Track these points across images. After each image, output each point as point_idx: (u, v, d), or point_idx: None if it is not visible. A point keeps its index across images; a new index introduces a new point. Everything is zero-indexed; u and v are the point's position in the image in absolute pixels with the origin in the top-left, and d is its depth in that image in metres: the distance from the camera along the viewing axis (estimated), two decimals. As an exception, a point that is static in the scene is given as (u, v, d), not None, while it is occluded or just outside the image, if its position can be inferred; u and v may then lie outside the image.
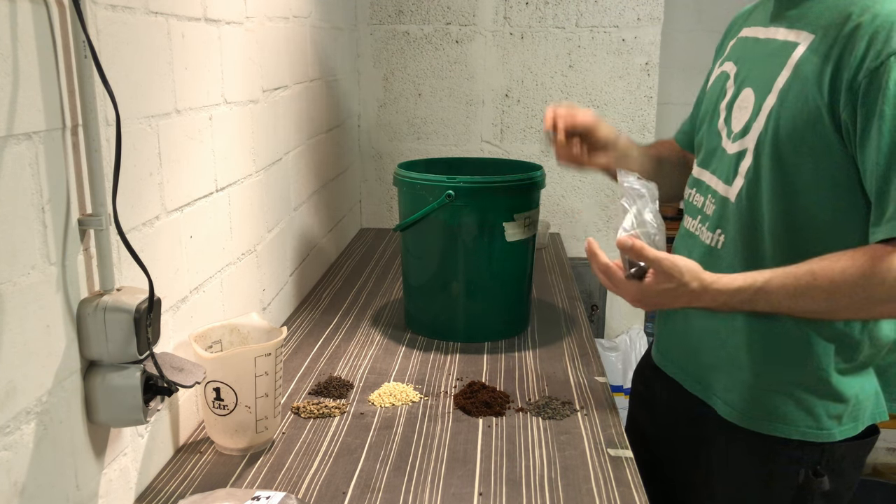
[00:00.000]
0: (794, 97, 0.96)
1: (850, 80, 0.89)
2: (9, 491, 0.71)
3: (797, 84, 0.96)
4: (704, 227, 1.12)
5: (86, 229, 0.82)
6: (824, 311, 0.96)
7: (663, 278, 0.97)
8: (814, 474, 1.05)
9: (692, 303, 0.99)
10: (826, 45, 0.94)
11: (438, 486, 1.00)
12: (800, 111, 0.95)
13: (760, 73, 1.04)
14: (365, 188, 2.54)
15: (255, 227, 1.41)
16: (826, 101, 0.92)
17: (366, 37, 2.41)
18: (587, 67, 2.38)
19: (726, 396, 1.10)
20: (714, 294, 0.97)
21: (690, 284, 0.97)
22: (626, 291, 1.02)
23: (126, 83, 0.91)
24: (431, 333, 1.54)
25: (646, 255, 0.97)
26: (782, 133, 0.97)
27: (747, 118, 1.04)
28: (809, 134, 0.95)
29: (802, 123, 0.95)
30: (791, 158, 0.97)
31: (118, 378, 0.84)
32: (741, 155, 1.04)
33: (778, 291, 0.94)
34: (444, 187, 1.43)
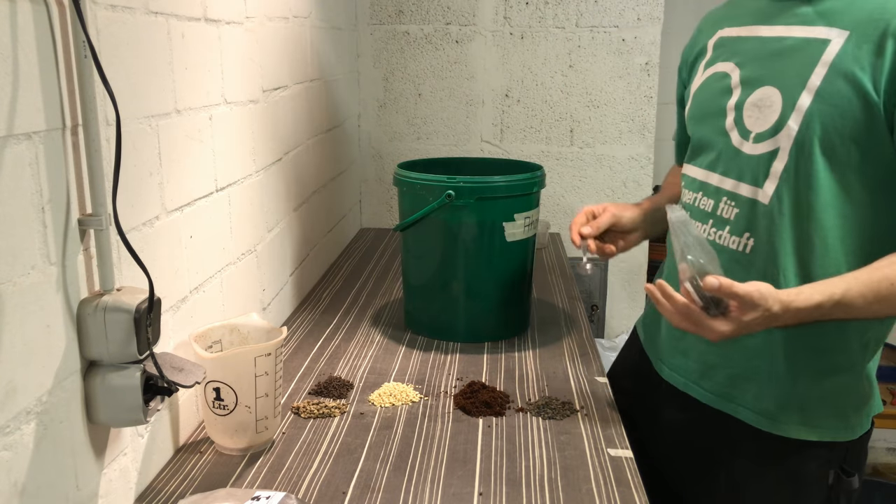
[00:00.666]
0: (840, 95, 0.95)
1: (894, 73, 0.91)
2: (9, 491, 0.71)
3: (841, 82, 0.95)
4: (724, 232, 1.09)
5: (86, 229, 0.82)
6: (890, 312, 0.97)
7: (750, 308, 0.94)
8: (843, 473, 1.06)
9: (771, 324, 0.97)
10: (872, 41, 0.94)
11: (438, 486, 1.00)
12: (849, 109, 0.95)
13: (782, 71, 1.02)
14: (365, 188, 2.54)
15: (255, 227, 1.41)
16: (882, 99, 0.93)
17: (366, 37, 2.41)
18: (587, 67, 2.38)
19: (757, 406, 1.08)
20: (794, 313, 0.95)
21: (773, 308, 0.94)
22: (713, 329, 0.96)
23: (126, 83, 0.91)
24: (431, 333, 1.54)
25: (735, 291, 0.93)
26: (830, 131, 0.96)
27: (776, 118, 1.01)
28: (860, 131, 0.95)
29: (853, 121, 0.95)
30: (840, 155, 0.97)
31: (118, 378, 0.84)
32: (772, 155, 1.02)
33: (856, 301, 0.94)
34: (444, 187, 1.43)
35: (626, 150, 2.42)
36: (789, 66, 1.02)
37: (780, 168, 1.01)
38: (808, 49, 1.00)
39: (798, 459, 1.07)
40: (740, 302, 0.94)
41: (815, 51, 0.99)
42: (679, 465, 1.22)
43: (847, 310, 0.94)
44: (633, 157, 2.42)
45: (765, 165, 1.03)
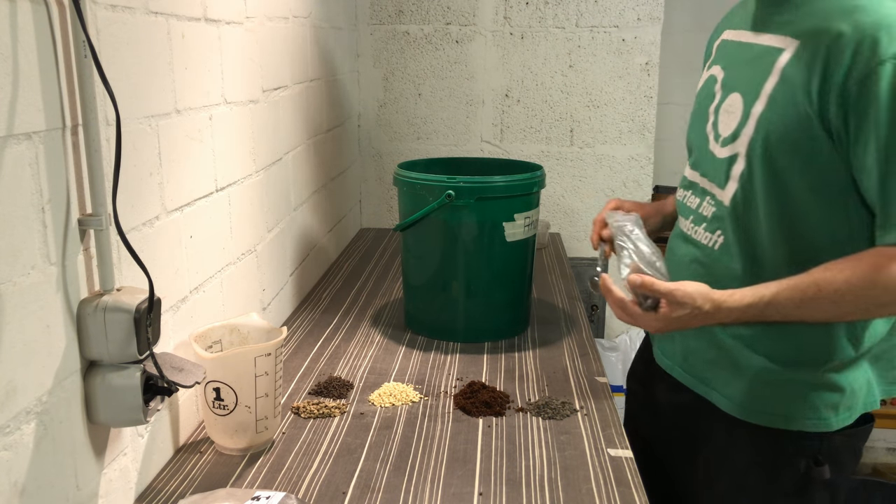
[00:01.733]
0: (783, 103, 0.98)
1: (839, 88, 0.92)
2: (9, 491, 0.71)
3: (785, 89, 0.98)
4: (701, 229, 1.13)
5: (86, 229, 0.82)
6: (831, 318, 0.99)
7: (677, 307, 1.01)
8: (815, 464, 1.07)
9: (707, 322, 1.03)
10: (810, 52, 0.95)
11: (438, 486, 1.00)
12: (790, 116, 0.97)
13: (747, 77, 1.06)
14: (365, 188, 2.54)
15: (255, 227, 1.41)
16: (815, 108, 0.95)
17: (366, 37, 2.41)
18: (587, 67, 2.38)
19: (727, 391, 1.11)
20: (727, 312, 1.00)
21: (703, 307, 1.00)
22: (646, 323, 1.06)
23: (126, 83, 0.91)
24: (431, 333, 1.54)
25: (657, 289, 1.01)
26: (773, 138, 0.99)
27: (736, 123, 1.05)
28: (801, 138, 0.97)
29: (793, 128, 0.97)
30: (783, 162, 0.99)
31: (118, 378, 0.84)
32: (733, 159, 1.06)
33: (785, 304, 0.97)
34: (444, 187, 1.43)
35: (626, 150, 2.42)
36: (752, 74, 1.05)
37: (738, 172, 1.05)
38: (766, 57, 1.02)
39: (769, 447, 1.09)
40: (667, 299, 1.01)
41: (771, 59, 1.01)
42: (670, 449, 1.25)
43: (778, 311, 0.98)
44: (633, 157, 2.42)
45: (727, 169, 1.07)
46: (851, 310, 0.96)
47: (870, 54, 0.90)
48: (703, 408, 1.14)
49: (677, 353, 1.21)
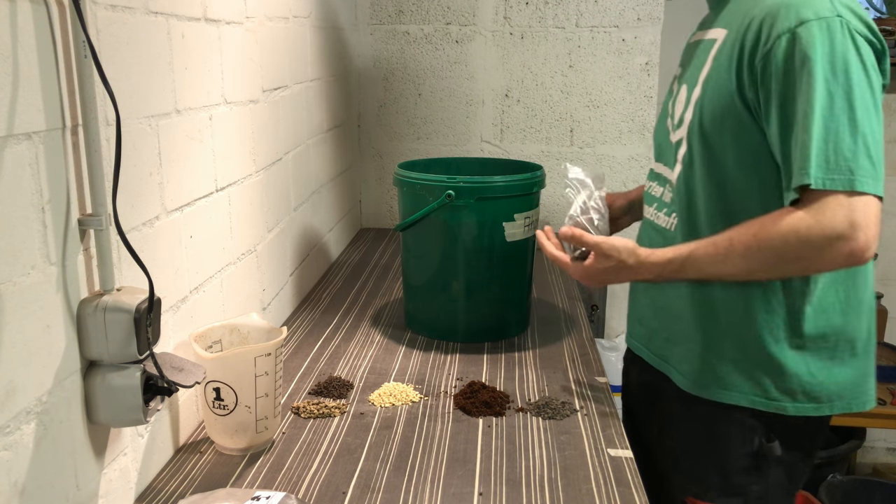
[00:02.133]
0: (712, 85, 1.08)
1: (749, 65, 1.01)
2: (9, 491, 0.71)
3: (715, 74, 1.08)
4: (662, 213, 1.21)
5: (86, 229, 0.82)
6: (744, 273, 1.04)
7: (603, 259, 1.11)
8: (767, 441, 1.12)
9: (633, 277, 1.13)
10: (732, 37, 1.06)
11: (438, 486, 1.00)
12: (718, 97, 1.06)
13: (693, 69, 1.15)
14: (365, 188, 2.54)
15: (255, 227, 1.41)
16: (735, 85, 1.03)
17: (366, 37, 2.41)
18: (587, 67, 2.38)
19: (682, 367, 1.18)
20: (649, 266, 1.10)
21: (628, 261, 1.10)
22: (575, 272, 1.17)
23: (126, 83, 0.91)
24: (431, 333, 1.54)
25: (585, 241, 1.12)
26: (706, 118, 1.08)
27: (682, 110, 1.15)
28: (727, 116, 1.05)
29: (720, 107, 1.06)
30: (716, 139, 1.07)
31: (118, 378, 0.84)
32: (679, 143, 1.15)
33: (703, 259, 1.05)
34: (444, 187, 1.43)
35: (625, 150, 2.42)
36: (696, 66, 1.14)
37: (682, 154, 1.14)
38: (707, 48, 1.12)
39: (723, 423, 1.15)
40: (595, 252, 1.12)
41: (709, 50, 1.12)
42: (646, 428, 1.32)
43: (696, 266, 1.06)
44: (633, 157, 2.42)
45: (675, 152, 1.16)
46: (760, 265, 1.01)
47: (769, 31, 0.99)
48: (666, 386, 1.22)
49: (642, 333, 1.29)
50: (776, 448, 1.12)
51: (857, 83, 0.95)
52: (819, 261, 0.98)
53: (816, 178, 0.94)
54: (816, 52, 0.95)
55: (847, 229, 0.93)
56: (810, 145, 0.94)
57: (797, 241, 0.96)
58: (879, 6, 2.55)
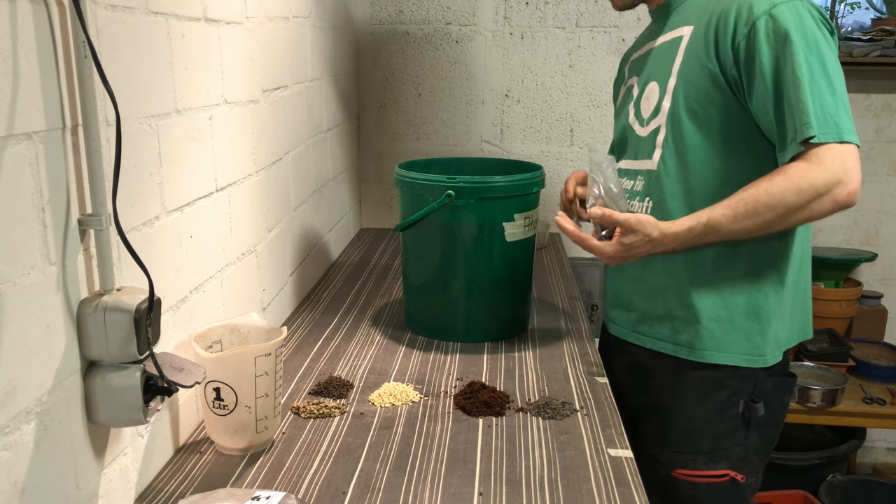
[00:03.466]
0: (691, 70, 1.21)
1: (730, 46, 1.15)
2: (9, 491, 0.71)
3: (692, 62, 1.21)
4: (635, 202, 1.32)
5: (86, 229, 0.82)
6: (760, 228, 1.14)
7: (630, 234, 1.17)
8: (751, 401, 1.26)
9: (657, 249, 1.19)
10: (703, 27, 1.20)
11: (438, 486, 1.00)
12: (699, 78, 1.20)
13: (658, 67, 1.28)
14: (365, 188, 2.54)
15: (255, 227, 1.41)
16: (716, 66, 1.18)
17: (366, 37, 2.41)
18: (587, 67, 2.38)
19: (677, 337, 1.29)
20: (672, 237, 1.17)
21: (652, 234, 1.16)
22: (602, 251, 1.20)
23: (126, 83, 0.91)
24: (431, 333, 1.54)
25: (615, 218, 1.17)
26: (690, 99, 1.21)
27: (656, 101, 1.27)
28: (710, 91, 1.19)
29: (703, 86, 1.19)
30: (702, 118, 1.20)
31: (118, 378, 0.84)
32: (656, 131, 1.27)
33: (720, 221, 1.14)
34: (444, 187, 1.43)
35: (626, 150, 2.42)
36: (663, 63, 1.27)
37: (661, 139, 1.26)
38: (672, 47, 1.26)
39: (711, 388, 1.27)
40: (622, 228, 1.17)
41: (676, 46, 1.25)
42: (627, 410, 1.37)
43: (716, 230, 1.14)
44: (633, 157, 2.42)
45: (652, 140, 1.28)
46: (773, 217, 1.11)
47: (748, 14, 1.14)
48: (655, 361, 1.32)
49: (631, 319, 1.37)
50: (760, 408, 1.26)
51: (826, 53, 1.11)
52: (822, 206, 1.09)
53: (817, 132, 1.07)
54: (791, 28, 1.10)
55: (843, 175, 1.07)
56: (805, 106, 1.08)
57: (807, 189, 1.08)
58: (879, 6, 2.55)
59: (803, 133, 1.08)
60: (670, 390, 1.31)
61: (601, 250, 1.20)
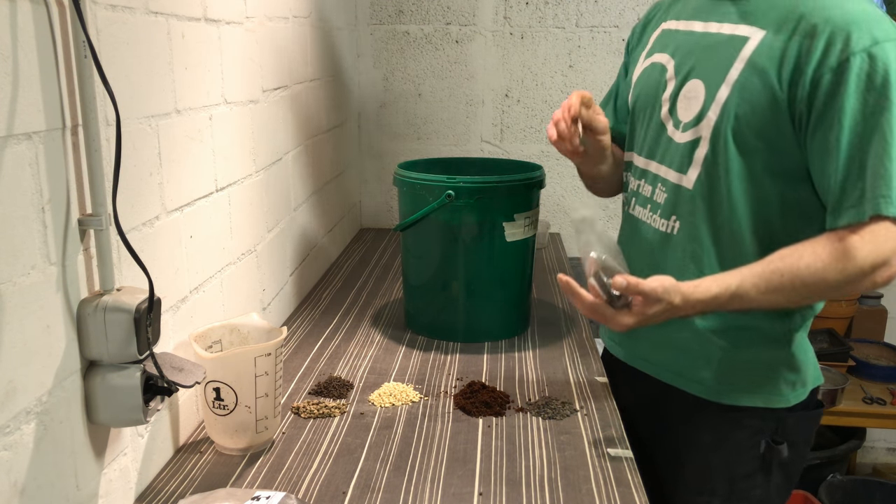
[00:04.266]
0: (751, 88, 1.03)
1: (810, 76, 0.98)
2: (9, 491, 0.71)
3: (754, 77, 1.03)
4: (656, 215, 1.17)
5: (86, 229, 0.82)
6: (792, 302, 1.03)
7: (654, 302, 1.00)
8: (773, 442, 1.14)
9: (674, 315, 1.03)
10: (781, 40, 1.01)
11: (438, 486, 1.00)
12: (759, 101, 1.02)
13: (708, 65, 1.09)
14: (365, 188, 2.54)
15: (255, 227, 1.41)
16: (785, 94, 1.00)
17: (366, 37, 2.41)
18: (587, 67, 2.38)
19: (699, 376, 1.16)
20: (693, 304, 1.01)
21: (674, 301, 1.00)
22: (621, 323, 1.02)
23: (126, 83, 0.91)
24: (431, 333, 1.54)
25: (642, 289, 0.99)
26: (742, 122, 1.04)
27: (699, 108, 1.09)
28: (768, 122, 1.02)
29: (761, 112, 1.02)
30: (750, 145, 1.04)
31: (118, 378, 0.84)
32: (695, 143, 1.10)
33: (750, 291, 1.00)
34: (444, 187, 1.43)
35: (626, 150, 2.42)
36: (713, 61, 1.08)
37: (701, 156, 1.09)
38: (730, 45, 1.07)
39: (730, 428, 1.15)
40: (645, 297, 1.00)
41: (736, 47, 1.06)
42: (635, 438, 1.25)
43: (743, 300, 1.01)
44: (633, 157, 2.42)
45: (689, 153, 1.11)
46: (810, 293, 1.00)
47: (842, 46, 0.95)
48: (669, 395, 1.20)
49: (645, 346, 1.25)
50: (784, 450, 1.13)
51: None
52: (859, 286, 0.99)
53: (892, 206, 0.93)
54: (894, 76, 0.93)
55: (892, 255, 0.96)
56: (889, 176, 0.93)
57: (853, 270, 0.96)
58: (879, 5, 2.55)
59: (877, 207, 0.94)
60: (686, 428, 1.20)
61: (619, 321, 1.02)
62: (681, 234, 1.13)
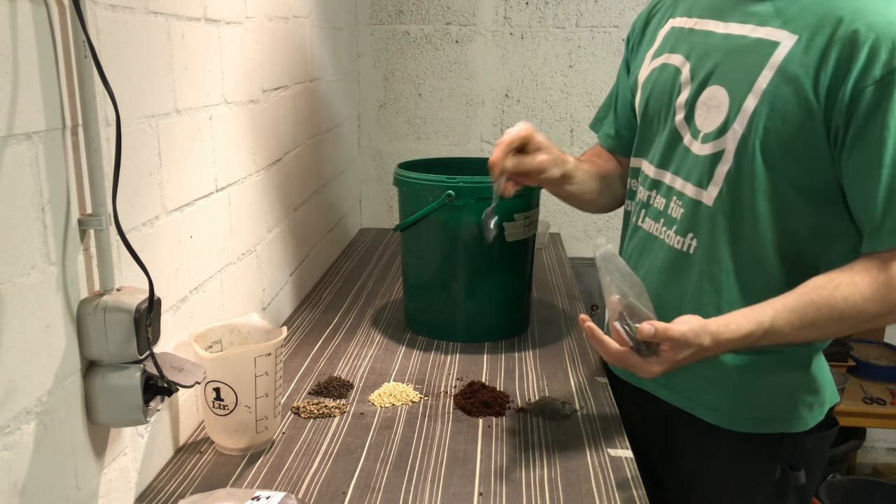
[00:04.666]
0: (783, 99, 0.94)
1: (851, 87, 0.89)
2: (9, 491, 0.71)
3: (786, 86, 0.94)
4: (671, 231, 1.08)
5: (86, 229, 0.82)
6: (830, 335, 0.97)
7: (683, 347, 0.92)
8: (790, 468, 1.06)
9: (703, 356, 0.95)
10: (818, 47, 0.92)
11: (438, 486, 1.00)
12: (792, 113, 0.94)
13: (732, 71, 1.00)
14: (365, 188, 2.54)
15: (255, 227, 1.41)
16: (822, 105, 0.92)
17: (366, 37, 2.41)
18: (587, 67, 2.38)
19: (713, 402, 1.08)
20: (724, 343, 0.93)
21: (704, 342, 0.92)
22: (650, 371, 0.94)
23: (126, 83, 0.91)
24: (431, 333, 1.54)
25: (671, 335, 0.91)
26: (772, 136, 0.95)
27: (722, 118, 1.00)
28: (799, 136, 0.94)
29: (793, 125, 0.94)
30: (779, 161, 0.96)
31: (118, 378, 0.84)
32: (717, 157, 1.01)
33: (784, 328, 0.92)
34: (444, 187, 1.43)
35: (626, 150, 2.42)
36: (738, 67, 0.99)
37: (724, 171, 1.00)
38: (757, 50, 0.98)
39: (745, 455, 1.08)
40: (674, 343, 0.92)
41: (765, 52, 0.97)
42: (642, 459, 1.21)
43: (775, 336, 0.93)
44: (633, 157, 2.42)
45: (710, 167, 1.02)
46: (850, 326, 0.93)
47: (888, 55, 0.87)
48: (680, 419, 1.12)
49: None
50: (801, 476, 1.06)
51: None
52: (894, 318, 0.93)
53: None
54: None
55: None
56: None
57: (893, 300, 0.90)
58: None
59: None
60: (697, 453, 1.12)
61: (647, 370, 0.94)
62: (698, 254, 1.04)
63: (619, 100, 1.28)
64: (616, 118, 1.29)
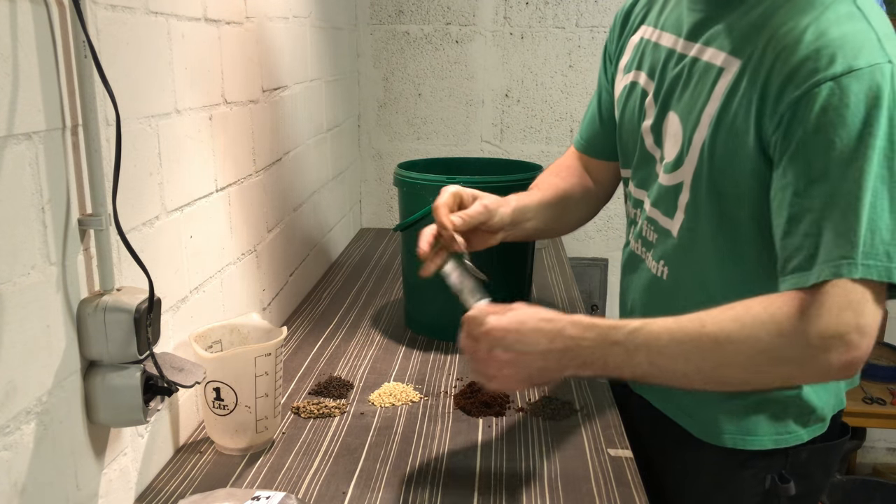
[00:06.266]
0: (727, 132, 0.89)
1: (773, 106, 0.83)
2: (9, 491, 0.71)
3: (729, 118, 0.89)
4: (649, 254, 1.07)
5: (86, 229, 0.82)
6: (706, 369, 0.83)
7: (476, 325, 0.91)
8: (780, 480, 1.02)
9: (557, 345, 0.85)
10: (751, 73, 0.86)
11: (438, 486, 1.00)
12: (735, 147, 0.88)
13: (684, 98, 0.96)
14: (365, 188, 2.54)
15: (255, 227, 1.41)
16: (755, 133, 0.86)
17: (366, 37, 2.41)
18: (587, 67, 2.38)
19: (699, 415, 1.06)
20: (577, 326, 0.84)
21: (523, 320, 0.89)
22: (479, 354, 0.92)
23: (126, 83, 0.91)
24: (431, 333, 1.54)
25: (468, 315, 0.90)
26: (718, 168, 0.91)
27: (678, 150, 0.97)
28: (745, 168, 0.88)
29: (739, 160, 0.88)
30: (732, 194, 0.91)
31: (118, 378, 0.84)
32: (678, 189, 0.98)
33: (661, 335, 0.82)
34: (444, 187, 1.43)
35: (626, 150, 2.42)
36: (689, 94, 0.95)
37: (684, 202, 0.97)
38: (706, 76, 0.92)
39: (733, 466, 1.04)
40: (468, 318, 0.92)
41: (710, 80, 0.91)
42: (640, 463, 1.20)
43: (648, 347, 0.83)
44: (633, 157, 2.42)
45: (673, 197, 0.99)
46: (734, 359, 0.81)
47: (812, 67, 0.79)
48: (670, 428, 1.10)
49: None
50: (791, 488, 1.01)
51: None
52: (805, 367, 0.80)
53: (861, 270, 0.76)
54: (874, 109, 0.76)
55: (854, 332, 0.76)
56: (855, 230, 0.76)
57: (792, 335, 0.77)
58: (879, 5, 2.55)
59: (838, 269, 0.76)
60: (684, 463, 1.10)
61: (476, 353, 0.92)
62: (669, 282, 1.02)
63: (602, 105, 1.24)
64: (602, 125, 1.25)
